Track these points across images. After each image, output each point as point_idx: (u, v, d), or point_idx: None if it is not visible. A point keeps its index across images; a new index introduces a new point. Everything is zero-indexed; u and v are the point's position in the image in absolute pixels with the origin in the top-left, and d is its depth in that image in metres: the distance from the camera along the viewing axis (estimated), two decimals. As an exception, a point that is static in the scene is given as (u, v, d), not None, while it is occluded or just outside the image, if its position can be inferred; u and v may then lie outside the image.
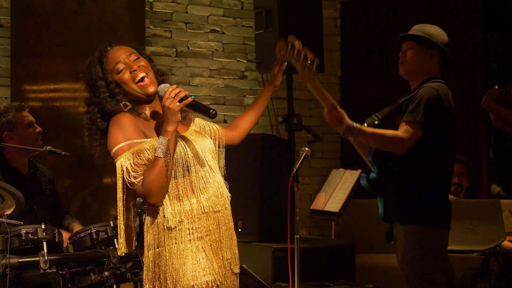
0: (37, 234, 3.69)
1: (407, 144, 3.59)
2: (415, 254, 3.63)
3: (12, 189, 3.59)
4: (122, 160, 2.80)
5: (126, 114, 2.91)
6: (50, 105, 6.18)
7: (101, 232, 3.93)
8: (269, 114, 6.23)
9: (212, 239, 2.88)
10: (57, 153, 4.22)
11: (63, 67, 6.23)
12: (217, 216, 2.91)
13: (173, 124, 2.82)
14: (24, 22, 6.10)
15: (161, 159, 2.77)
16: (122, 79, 2.94)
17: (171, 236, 2.82)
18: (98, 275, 3.79)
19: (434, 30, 3.92)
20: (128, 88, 2.94)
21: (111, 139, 2.86)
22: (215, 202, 2.91)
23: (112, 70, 2.96)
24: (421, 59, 3.86)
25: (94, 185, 6.23)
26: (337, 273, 5.49)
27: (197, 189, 2.88)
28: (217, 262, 2.88)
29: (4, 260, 3.49)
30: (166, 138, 2.79)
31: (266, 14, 5.85)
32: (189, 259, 2.80)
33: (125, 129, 2.85)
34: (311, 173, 7.39)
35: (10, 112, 4.47)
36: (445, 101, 3.67)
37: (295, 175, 4.01)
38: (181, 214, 2.83)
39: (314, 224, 7.36)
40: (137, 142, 2.83)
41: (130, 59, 2.99)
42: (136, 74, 2.95)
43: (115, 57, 2.98)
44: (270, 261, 5.28)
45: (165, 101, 2.83)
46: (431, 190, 3.69)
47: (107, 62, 2.98)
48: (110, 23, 6.43)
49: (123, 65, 2.97)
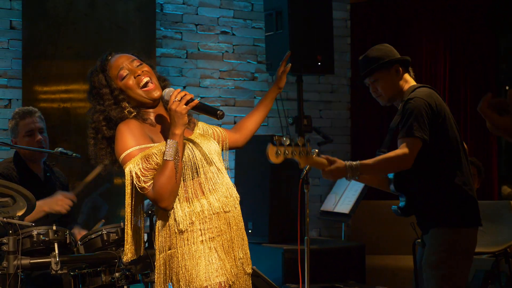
0: (49, 235, 3.71)
1: (410, 158, 3.56)
2: (439, 256, 3.60)
3: (23, 191, 3.61)
4: (131, 166, 2.82)
5: (132, 120, 2.93)
6: (61, 106, 6.20)
7: (112, 233, 3.94)
8: (279, 115, 6.21)
9: (224, 239, 2.89)
10: (68, 155, 4.23)
11: (74, 69, 6.26)
12: (228, 216, 2.92)
13: (181, 127, 2.83)
14: (36, 24, 6.12)
15: (171, 162, 2.78)
16: (127, 85, 2.96)
17: (182, 238, 2.83)
18: (109, 276, 3.81)
19: (379, 51, 3.87)
20: (133, 93, 2.96)
21: (119, 145, 2.87)
22: (225, 202, 2.91)
23: (116, 77, 2.98)
24: (390, 81, 3.82)
25: (105, 186, 6.24)
26: (347, 275, 5.49)
27: (207, 190, 2.89)
28: (229, 262, 2.89)
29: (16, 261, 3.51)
30: (175, 141, 2.80)
31: (276, 15, 5.85)
32: (201, 260, 2.81)
33: (132, 135, 2.86)
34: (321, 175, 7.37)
35: (15, 118, 4.52)
36: (432, 103, 3.63)
37: (305, 177, 4.01)
38: (191, 216, 2.83)
39: (324, 226, 7.36)
40: (145, 147, 2.84)
41: (133, 65, 3.00)
42: (141, 79, 2.96)
43: (118, 64, 3.00)
44: (280, 263, 5.29)
45: (171, 105, 2.85)
46: (450, 191, 3.64)
47: (110, 70, 3.00)
48: (121, 25, 6.45)
49: (127, 71, 2.98)
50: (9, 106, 6.00)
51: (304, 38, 5.83)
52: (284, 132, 6.21)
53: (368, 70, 3.83)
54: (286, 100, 6.75)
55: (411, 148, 3.56)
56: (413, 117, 3.59)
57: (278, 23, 5.85)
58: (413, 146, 3.57)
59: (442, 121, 3.66)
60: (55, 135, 4.65)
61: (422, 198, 3.70)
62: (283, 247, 5.33)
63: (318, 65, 5.85)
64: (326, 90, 7.52)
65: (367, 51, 3.91)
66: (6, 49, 6.02)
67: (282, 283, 5.24)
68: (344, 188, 6.61)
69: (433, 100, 3.65)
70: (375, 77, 3.83)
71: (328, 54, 5.95)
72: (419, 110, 3.60)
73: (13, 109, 5.96)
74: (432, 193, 3.67)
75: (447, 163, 3.67)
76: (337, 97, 7.59)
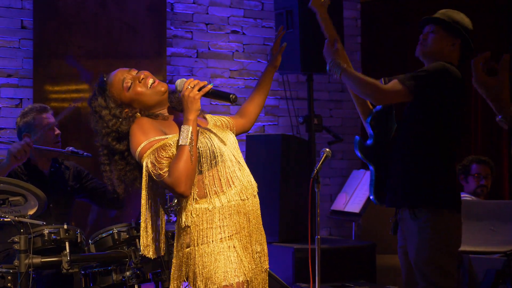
0: (60, 234, 3.72)
1: (386, 97, 3.59)
2: (430, 251, 3.58)
3: (35, 190, 3.62)
4: (146, 159, 2.80)
5: (143, 118, 2.94)
6: (72, 106, 6.22)
7: (123, 232, 3.95)
8: (289, 114, 6.22)
9: (242, 235, 2.87)
10: (79, 154, 4.25)
11: (85, 69, 6.27)
12: (246, 206, 2.89)
13: (194, 112, 2.82)
14: (47, 24, 6.14)
15: (186, 147, 2.76)
16: (136, 92, 2.96)
17: (201, 235, 2.80)
18: (120, 275, 3.81)
19: (460, 17, 3.85)
20: (145, 97, 2.96)
21: (133, 143, 2.86)
22: (243, 190, 2.89)
23: (122, 90, 2.97)
24: (442, 44, 3.79)
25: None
26: (358, 274, 5.48)
27: (225, 182, 2.86)
28: (247, 258, 2.86)
29: (27, 260, 3.52)
30: (189, 126, 2.79)
31: (287, 15, 5.85)
32: (221, 258, 2.79)
33: (145, 130, 2.86)
34: (332, 174, 7.38)
35: (31, 113, 4.49)
36: (449, 78, 3.60)
37: (316, 176, 4.01)
38: (210, 212, 2.81)
39: (334, 225, 7.35)
40: (159, 139, 2.83)
41: (132, 73, 3.01)
42: (147, 81, 2.97)
43: (119, 78, 3.00)
44: (290, 262, 5.28)
45: (184, 91, 2.85)
46: (439, 172, 3.62)
47: (112, 88, 3.00)
48: (132, 24, 6.46)
49: (130, 80, 2.98)
50: (20, 105, 6.02)
51: (315, 37, 5.81)
52: (295, 132, 6.21)
53: (438, 19, 3.82)
54: (296, 99, 6.75)
55: (396, 92, 3.57)
56: (424, 73, 3.59)
57: (289, 22, 5.85)
58: (398, 92, 3.57)
59: (456, 100, 3.63)
60: (66, 135, 4.66)
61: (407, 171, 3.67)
62: (294, 246, 5.32)
63: (329, 64, 5.85)
64: (337, 89, 7.51)
65: (454, 10, 3.90)
66: (17, 48, 6.05)
67: (293, 282, 5.23)
68: (355, 187, 6.61)
69: (452, 78, 3.62)
70: (435, 29, 3.81)
71: (339, 53, 5.95)
72: (433, 72, 3.59)
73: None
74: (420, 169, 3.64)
75: (443, 146, 3.64)
76: (348, 96, 7.52)
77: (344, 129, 7.39)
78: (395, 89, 3.57)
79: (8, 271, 3.63)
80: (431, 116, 3.62)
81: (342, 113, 7.53)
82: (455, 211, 3.65)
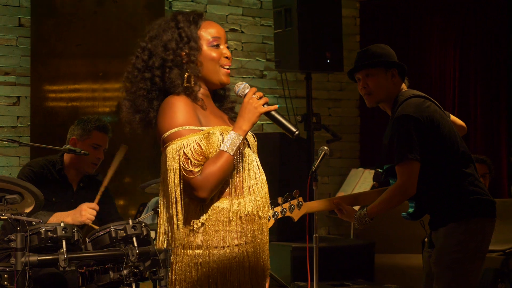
0: (57, 232, 3.70)
1: (411, 184, 3.52)
2: (453, 257, 3.54)
3: (31, 188, 3.60)
4: (179, 144, 2.56)
5: (184, 97, 2.66)
6: (70, 104, 6.21)
7: (120, 230, 3.92)
8: (288, 113, 6.21)
9: (255, 245, 2.66)
10: (76, 152, 4.21)
11: (83, 67, 6.26)
12: (262, 223, 2.70)
13: (250, 124, 2.65)
14: (45, 21, 6.13)
15: (229, 156, 2.57)
16: (212, 57, 2.74)
17: (217, 237, 2.60)
18: (117, 273, 3.78)
19: (382, 49, 3.81)
20: (214, 67, 2.74)
21: (167, 118, 2.61)
22: (262, 207, 2.70)
23: (206, 40, 2.74)
24: (384, 82, 3.74)
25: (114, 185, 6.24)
26: (356, 273, 5.48)
27: (247, 187, 2.66)
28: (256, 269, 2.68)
29: (23, 258, 3.50)
30: (240, 136, 2.61)
31: (285, 13, 5.85)
32: (234, 265, 2.61)
33: (185, 112, 2.62)
34: (330, 173, 7.37)
35: (92, 126, 4.43)
36: (419, 116, 3.55)
37: (314, 174, 4.00)
38: (229, 214, 2.61)
39: (333, 224, 7.34)
40: (197, 129, 2.61)
41: (226, 44, 2.82)
42: (227, 61, 2.78)
43: (218, 30, 2.79)
44: (288, 260, 5.28)
45: (250, 99, 2.67)
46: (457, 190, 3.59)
47: (204, 28, 2.76)
48: (130, 22, 6.45)
49: (222, 45, 2.78)
50: (18, 103, 6.01)
51: (313, 36, 5.82)
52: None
53: (367, 62, 3.76)
54: (295, 98, 6.74)
55: (409, 174, 3.52)
56: (403, 139, 3.53)
57: (287, 21, 5.86)
58: (411, 170, 3.52)
59: (436, 129, 3.58)
60: (63, 133, 4.63)
61: (431, 202, 3.65)
62: (292, 245, 5.32)
63: (327, 62, 5.85)
64: (335, 88, 7.50)
65: (370, 46, 3.86)
66: (14, 46, 6.03)
67: (291, 280, 5.23)
68: (354, 186, 6.60)
69: (421, 112, 3.56)
70: (371, 72, 3.75)
71: (337, 51, 5.95)
72: (407, 129, 3.53)
73: (21, 106, 5.98)
74: (440, 196, 3.62)
75: (451, 166, 3.62)
76: (346, 95, 7.57)
77: (342, 127, 7.38)
78: (408, 172, 3.52)
79: (5, 269, 3.61)
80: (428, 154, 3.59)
81: (341, 112, 7.52)
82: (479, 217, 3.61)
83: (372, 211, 3.62)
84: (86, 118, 4.51)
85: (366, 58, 3.81)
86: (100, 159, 4.47)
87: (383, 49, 3.82)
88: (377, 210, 3.62)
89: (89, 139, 4.43)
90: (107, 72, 6.39)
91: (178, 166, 2.56)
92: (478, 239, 3.58)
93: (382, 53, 3.79)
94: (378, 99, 3.77)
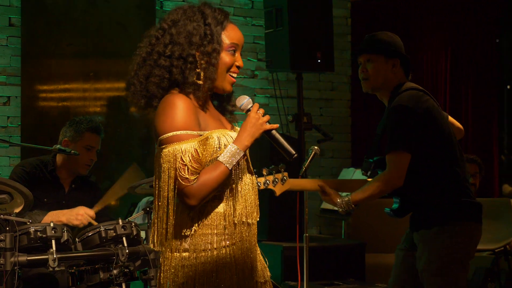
0: (46, 232, 3.69)
1: (399, 175, 3.49)
2: (440, 263, 3.49)
3: (21, 187, 3.60)
4: (176, 148, 2.53)
5: (185, 97, 2.62)
6: (60, 104, 6.20)
7: (110, 230, 3.92)
8: (279, 113, 6.21)
9: (243, 247, 2.65)
10: (66, 152, 4.21)
11: (74, 67, 6.25)
12: (251, 229, 2.68)
13: (253, 139, 2.63)
14: (35, 21, 6.11)
15: (226, 168, 2.55)
16: (225, 60, 2.71)
17: (205, 241, 2.59)
18: (107, 273, 3.78)
19: (388, 37, 3.79)
20: (221, 73, 2.70)
21: (167, 119, 2.57)
22: (251, 213, 2.68)
23: (225, 44, 2.72)
24: (384, 70, 3.71)
25: (105, 184, 6.24)
26: (347, 273, 5.49)
27: (239, 191, 2.65)
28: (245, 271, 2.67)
29: (13, 258, 3.50)
30: (242, 151, 2.59)
31: (276, 13, 5.85)
32: (220, 266, 2.59)
33: (185, 115, 2.57)
34: (321, 172, 7.37)
35: (84, 127, 4.42)
36: (415, 108, 3.53)
37: (304, 174, 4.00)
38: (220, 217, 2.61)
39: (324, 223, 7.35)
40: (196, 134, 2.57)
41: (240, 56, 2.79)
42: (237, 70, 2.77)
43: (239, 38, 2.77)
44: (279, 260, 5.28)
45: (255, 114, 2.66)
46: (444, 191, 3.55)
47: (227, 31, 2.74)
48: (121, 22, 6.44)
49: (237, 52, 2.76)
50: (8, 103, 5.99)
51: (304, 36, 5.82)
52: (284, 130, 6.20)
53: (371, 47, 3.74)
54: (286, 97, 6.74)
55: (398, 164, 3.49)
56: (397, 129, 3.51)
57: (278, 21, 5.86)
58: (400, 161, 3.49)
59: (432, 124, 3.56)
60: (54, 133, 4.62)
61: (417, 199, 3.62)
62: (282, 244, 5.32)
63: (318, 62, 5.85)
64: (327, 88, 7.50)
65: (377, 32, 3.83)
66: (5, 46, 6.01)
67: (282, 280, 5.23)
68: (344, 186, 6.60)
69: (418, 104, 3.55)
70: (372, 58, 3.72)
71: (328, 51, 5.95)
72: (402, 120, 3.51)
73: (12, 106, 5.97)
74: (428, 194, 3.58)
75: (443, 163, 3.58)
76: (338, 95, 7.58)
77: (334, 127, 7.38)
78: (399, 165, 3.50)
79: (-6, 270, 3.60)
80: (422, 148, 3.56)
81: (332, 112, 7.52)
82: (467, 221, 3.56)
83: (356, 198, 3.61)
84: (78, 119, 4.50)
85: (370, 43, 3.79)
86: (93, 160, 4.46)
87: (389, 37, 3.80)
88: (361, 197, 3.60)
89: (82, 140, 4.42)
90: (98, 72, 6.38)
91: (173, 171, 2.53)
92: (466, 243, 3.54)
93: (387, 41, 3.76)
94: (374, 86, 3.73)
